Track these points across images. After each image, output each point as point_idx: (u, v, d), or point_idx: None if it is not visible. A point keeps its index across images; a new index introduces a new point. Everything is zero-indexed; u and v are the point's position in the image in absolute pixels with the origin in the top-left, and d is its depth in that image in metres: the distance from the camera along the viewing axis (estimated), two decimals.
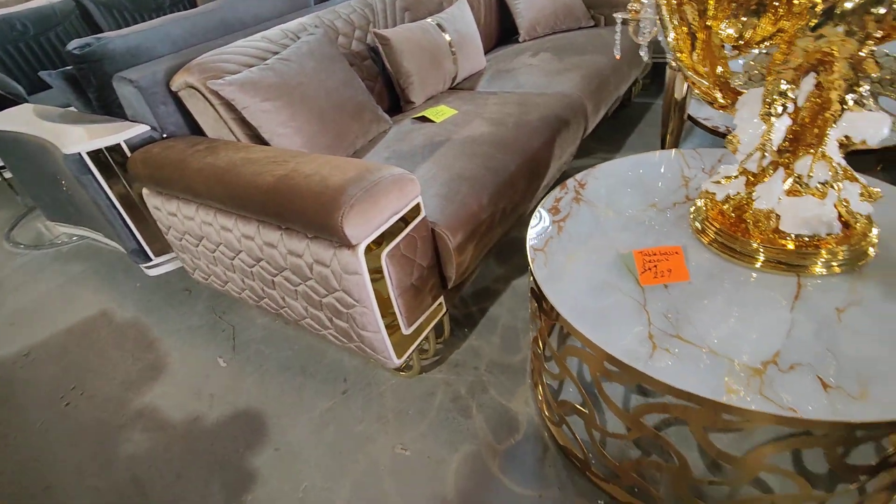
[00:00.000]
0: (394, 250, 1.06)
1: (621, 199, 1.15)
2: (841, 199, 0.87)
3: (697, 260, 0.95)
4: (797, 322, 0.80)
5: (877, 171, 1.87)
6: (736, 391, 0.71)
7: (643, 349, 0.79)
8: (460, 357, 1.42)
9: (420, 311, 1.19)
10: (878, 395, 0.68)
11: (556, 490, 1.08)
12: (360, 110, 1.51)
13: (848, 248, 0.88)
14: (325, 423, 1.31)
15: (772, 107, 0.78)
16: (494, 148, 1.42)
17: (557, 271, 0.97)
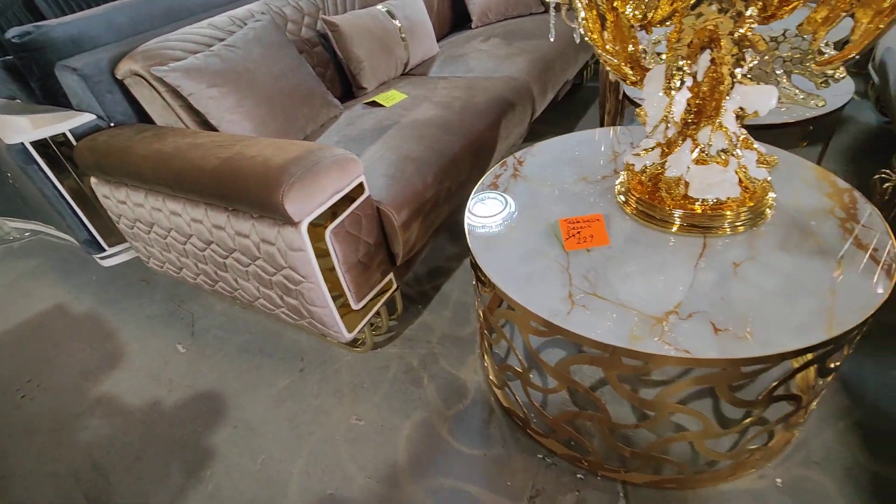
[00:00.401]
0: (338, 228, 1.10)
1: (556, 175, 1.22)
2: (740, 166, 0.96)
3: (620, 226, 1.03)
4: (699, 276, 0.88)
5: (803, 146, 2.00)
6: (640, 338, 0.79)
7: (563, 307, 0.86)
8: (414, 332, 1.48)
9: (369, 286, 1.24)
10: (759, 335, 0.76)
11: (500, 448, 1.15)
12: (309, 96, 1.54)
13: (749, 210, 0.98)
14: (283, 399, 1.35)
15: (671, 81, 0.85)
16: (440, 130, 1.47)
17: (492, 242, 1.04)
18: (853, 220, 0.95)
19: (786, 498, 0.98)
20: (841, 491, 0.98)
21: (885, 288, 0.80)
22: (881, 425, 1.07)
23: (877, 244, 0.89)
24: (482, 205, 1.15)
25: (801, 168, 1.12)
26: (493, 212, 1.12)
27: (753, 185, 0.98)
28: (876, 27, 0.75)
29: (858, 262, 0.86)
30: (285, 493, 1.14)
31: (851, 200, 1.00)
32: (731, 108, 0.92)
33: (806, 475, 1.01)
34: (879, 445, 1.04)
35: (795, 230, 0.95)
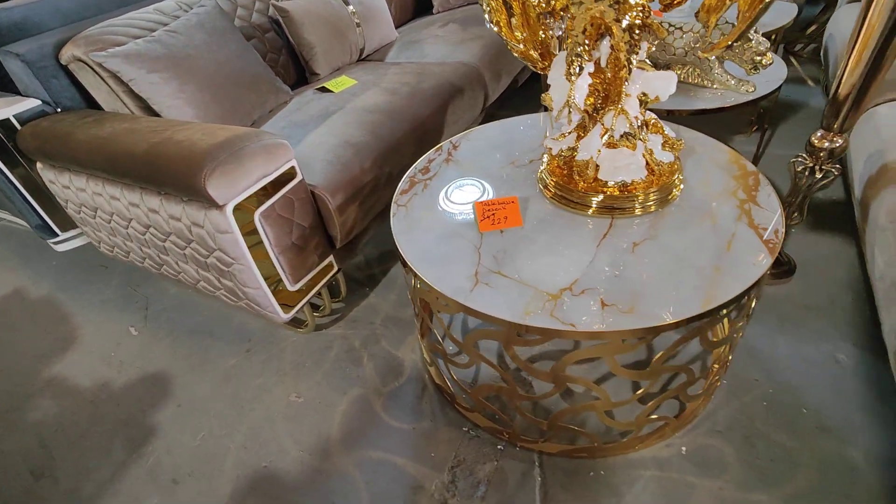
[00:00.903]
0: (268, 211, 1.13)
1: (486, 159, 1.26)
2: (647, 150, 1.00)
3: (538, 209, 1.07)
4: (599, 256, 0.92)
5: (752, 131, 2.04)
6: (532, 313, 0.83)
7: (468, 285, 0.90)
8: (359, 314, 1.52)
9: (306, 268, 1.28)
10: (642, 309, 0.81)
11: (429, 422, 1.20)
12: (255, 81, 1.55)
13: (657, 191, 1.02)
14: (228, 378, 1.39)
15: (571, 67, 0.89)
16: (384, 115, 1.50)
17: (413, 224, 1.07)
18: (752, 202, 0.99)
19: (687, 464, 1.04)
20: (737, 456, 1.04)
21: (764, 265, 0.85)
22: (784, 398, 1.13)
23: (766, 224, 0.93)
24: (409, 188, 1.18)
25: (716, 152, 1.16)
26: (418, 195, 1.15)
27: (660, 167, 1.02)
28: (750, 14, 0.79)
29: (746, 240, 0.90)
30: (222, 466, 1.18)
31: (755, 182, 1.04)
32: (634, 94, 0.95)
33: (709, 443, 1.07)
34: (779, 415, 1.10)
35: (697, 211, 0.99)
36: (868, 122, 1.26)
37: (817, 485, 0.98)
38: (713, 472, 1.02)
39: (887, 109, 1.23)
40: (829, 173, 1.18)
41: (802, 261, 1.45)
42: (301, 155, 1.34)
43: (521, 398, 0.99)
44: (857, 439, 1.04)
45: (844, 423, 1.07)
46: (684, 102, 1.47)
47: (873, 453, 1.01)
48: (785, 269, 1.41)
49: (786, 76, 1.48)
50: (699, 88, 1.50)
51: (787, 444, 1.05)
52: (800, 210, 1.29)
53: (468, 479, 1.08)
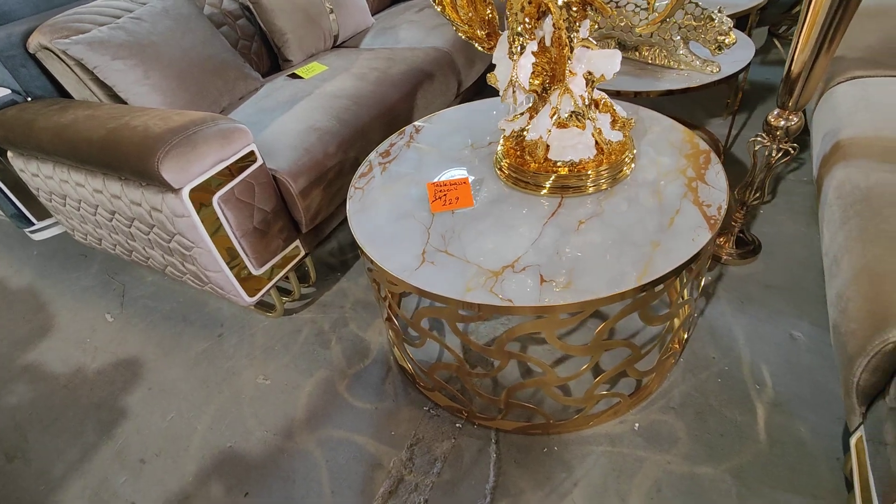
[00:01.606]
0: (227, 195, 1.15)
1: (446, 141, 1.26)
2: (595, 129, 1.01)
3: (492, 189, 1.08)
4: (545, 234, 0.93)
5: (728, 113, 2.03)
6: (472, 289, 0.84)
7: (414, 263, 0.91)
8: (330, 298, 1.54)
9: (270, 252, 1.29)
10: (578, 284, 0.82)
11: (391, 402, 1.22)
12: (223, 68, 1.56)
13: (608, 169, 1.02)
14: (199, 362, 1.41)
15: (513, 46, 0.89)
16: (351, 101, 1.50)
17: (369, 205, 1.08)
18: (700, 179, 1.00)
19: (639, 439, 1.06)
20: (688, 431, 1.06)
21: (702, 241, 0.85)
22: (739, 375, 1.14)
23: (711, 201, 0.94)
24: (369, 171, 1.19)
25: (672, 132, 1.16)
26: (376, 178, 1.16)
27: (609, 146, 1.02)
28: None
29: (689, 217, 0.91)
30: (188, 446, 1.21)
31: (706, 161, 1.05)
32: (579, 73, 0.96)
33: (661, 419, 1.09)
34: (732, 392, 1.11)
35: (645, 189, 1.00)
36: (827, 101, 1.26)
37: (763, 458, 1.00)
38: (663, 446, 1.04)
39: (846, 88, 1.23)
40: (786, 152, 1.18)
41: (768, 241, 1.46)
42: (265, 140, 1.35)
43: (471, 375, 1.01)
44: (806, 414, 1.05)
45: (795, 398, 1.08)
46: (651, 84, 1.46)
47: (820, 427, 1.03)
48: (750, 249, 1.42)
49: (752, 56, 1.48)
50: (665, 70, 1.50)
51: (737, 419, 1.07)
52: (761, 189, 1.29)
53: (425, 457, 1.10)
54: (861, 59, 1.30)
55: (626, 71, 1.53)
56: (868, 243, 0.82)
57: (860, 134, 1.06)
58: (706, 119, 2.06)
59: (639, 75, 1.51)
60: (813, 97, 1.42)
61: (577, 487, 1.00)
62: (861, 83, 1.22)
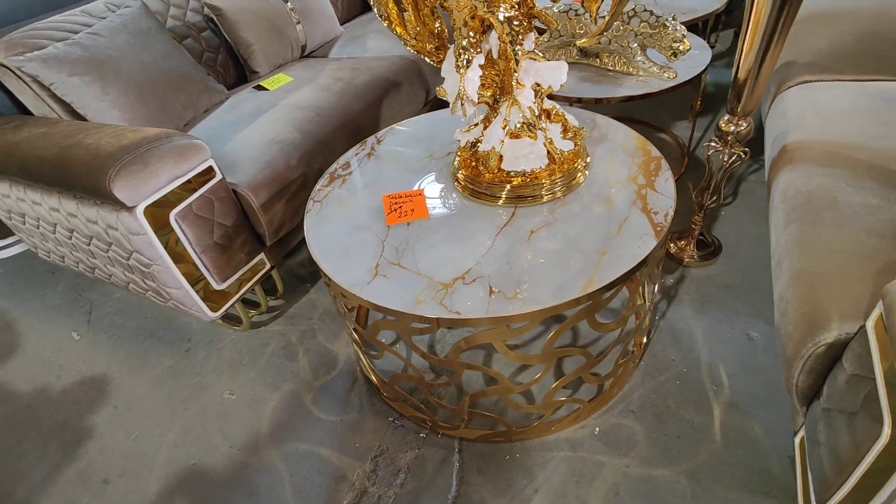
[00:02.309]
0: (185, 211, 1.14)
1: (406, 152, 1.27)
2: (546, 138, 1.02)
3: (448, 201, 1.09)
4: (496, 244, 0.94)
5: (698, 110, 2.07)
6: (422, 302, 0.85)
7: (366, 277, 0.92)
8: (298, 310, 1.54)
9: (233, 267, 1.29)
10: (526, 295, 0.83)
11: (356, 413, 1.22)
12: (185, 82, 1.55)
13: (561, 178, 1.04)
14: (165, 379, 1.40)
15: (459, 60, 0.90)
16: (314, 112, 1.50)
17: (326, 219, 1.09)
18: (650, 187, 1.02)
19: (599, 443, 1.07)
20: (646, 434, 1.07)
21: (646, 250, 0.87)
22: (697, 376, 1.16)
23: (658, 208, 0.96)
24: (329, 184, 1.19)
25: (627, 138, 1.18)
26: (336, 190, 1.16)
27: (560, 155, 1.04)
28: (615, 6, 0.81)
29: (637, 224, 0.93)
30: (152, 465, 1.20)
31: (657, 168, 1.07)
32: (528, 84, 0.97)
33: (621, 423, 1.10)
34: (690, 393, 1.13)
35: (597, 196, 1.02)
36: (779, 105, 1.29)
37: (718, 458, 1.01)
38: (622, 450, 1.06)
39: (796, 92, 1.26)
40: (738, 156, 1.21)
41: (729, 242, 1.48)
42: (227, 154, 1.35)
43: (431, 385, 1.01)
44: (760, 413, 1.07)
45: (750, 397, 1.10)
46: (611, 90, 1.49)
47: (773, 426, 1.05)
48: (710, 251, 1.45)
49: (708, 62, 1.51)
50: (625, 76, 1.52)
51: (694, 420, 1.08)
52: (717, 192, 1.32)
53: (389, 468, 1.10)
54: (811, 63, 1.33)
55: (587, 77, 1.56)
56: (805, 247, 0.85)
57: (806, 138, 1.09)
58: (673, 122, 2.09)
59: (600, 82, 1.53)
60: (766, 101, 1.46)
61: (538, 494, 1.01)
62: (810, 87, 1.25)
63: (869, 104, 1.12)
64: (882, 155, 0.96)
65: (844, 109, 1.13)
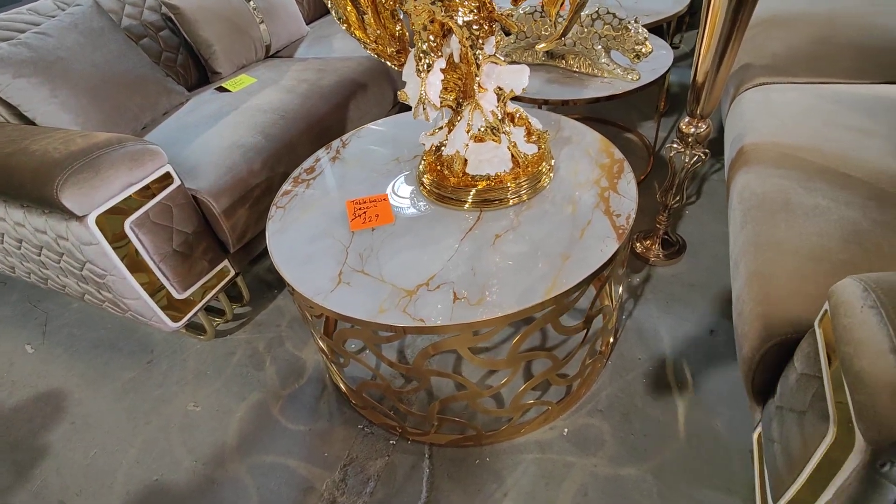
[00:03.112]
0: (141, 219, 1.10)
1: (372, 156, 1.25)
2: (510, 142, 1.02)
3: (414, 205, 1.07)
4: (461, 250, 0.94)
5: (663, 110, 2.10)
6: (386, 311, 0.84)
7: (329, 285, 0.90)
8: (265, 317, 1.50)
9: (195, 275, 1.25)
10: (490, 300, 0.83)
11: (325, 422, 1.20)
12: (141, 83, 1.50)
13: (527, 181, 1.04)
14: (126, 392, 1.35)
15: (419, 64, 0.89)
16: (278, 115, 1.47)
17: (289, 225, 1.06)
18: (612, 189, 1.03)
19: (567, 444, 1.08)
20: (614, 433, 1.09)
21: (608, 253, 0.88)
22: (663, 374, 1.18)
23: (620, 211, 0.97)
24: (292, 189, 1.17)
25: (591, 141, 1.19)
26: (299, 196, 1.14)
27: (525, 159, 1.04)
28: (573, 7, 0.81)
29: (600, 228, 0.94)
30: (112, 483, 1.15)
31: (619, 170, 1.08)
32: (490, 88, 0.97)
33: (589, 423, 1.11)
34: (656, 391, 1.15)
35: (561, 200, 1.02)
36: (737, 106, 1.32)
37: (682, 455, 1.04)
38: (590, 450, 1.07)
39: (752, 94, 1.29)
40: (698, 157, 1.23)
41: (693, 240, 1.52)
42: (187, 159, 1.31)
43: (399, 392, 1.00)
44: (722, 409, 1.10)
45: (713, 393, 1.13)
46: (577, 92, 1.50)
47: (734, 421, 1.08)
48: (675, 250, 1.47)
49: (670, 64, 1.53)
50: (591, 78, 1.54)
51: (660, 418, 1.10)
52: (680, 192, 1.34)
53: (358, 476, 1.09)
54: (767, 66, 1.37)
55: (553, 79, 1.57)
56: (760, 248, 0.87)
57: (761, 140, 1.11)
58: (640, 121, 2.12)
59: (566, 83, 1.54)
60: (726, 102, 1.49)
61: (507, 497, 1.01)
62: (766, 89, 1.29)
63: (822, 106, 1.16)
64: (833, 157, 0.99)
65: (799, 112, 1.16)
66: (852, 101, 1.16)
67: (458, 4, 0.79)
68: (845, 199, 0.88)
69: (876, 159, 0.95)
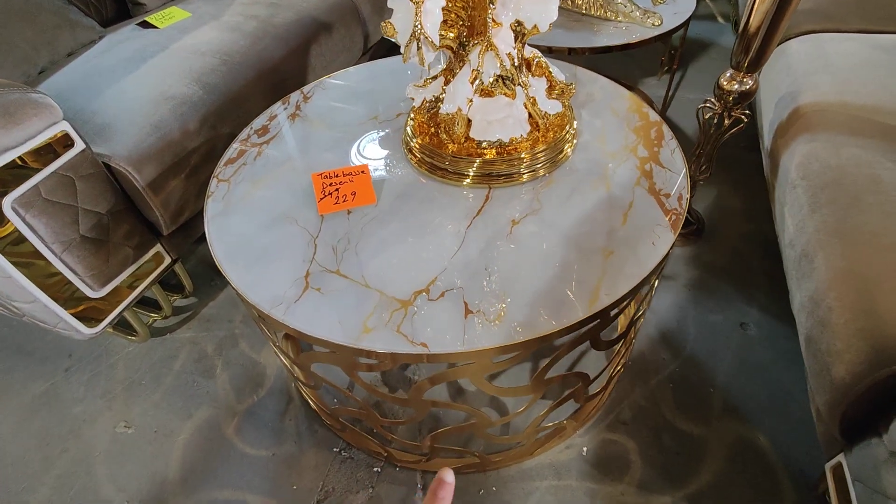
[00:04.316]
0: (29, 196, 0.81)
1: (343, 113, 0.99)
2: (529, 97, 0.78)
3: (401, 179, 0.83)
4: (468, 241, 0.71)
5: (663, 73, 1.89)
6: (372, 330, 0.61)
7: (293, 292, 0.66)
8: (214, 311, 1.24)
9: (116, 266, 0.97)
10: (514, 315, 0.61)
11: (292, 444, 0.98)
12: (34, 12, 1.14)
13: (546, 150, 0.81)
14: (36, 409, 1.08)
15: None
16: (219, 59, 1.16)
17: (235, 204, 0.80)
18: (654, 161, 0.81)
19: (587, 467, 0.91)
20: (641, 452, 0.92)
21: (665, 247, 0.67)
22: (692, 376, 1.02)
23: (669, 189, 0.76)
24: (238, 157, 0.90)
25: (616, 98, 0.96)
26: (248, 165, 0.87)
27: (546, 121, 0.80)
28: None
29: (646, 211, 0.73)
30: None
31: (658, 136, 0.86)
32: (505, 22, 0.72)
33: (611, 439, 0.94)
34: (686, 398, 0.99)
35: (590, 174, 0.80)
36: (778, 59, 1.11)
37: (723, 477, 0.88)
38: (614, 474, 0.90)
39: (798, 45, 1.09)
40: (738, 120, 1.03)
41: (711, 217, 1.34)
42: (97, 114, 1.00)
43: (382, 422, 0.79)
44: (763, 419, 0.95)
45: (750, 400, 0.98)
46: (587, 39, 1.26)
47: (779, 433, 0.93)
48: (694, 229, 1.30)
49: (694, 7, 1.30)
50: (602, 22, 1.30)
51: (693, 431, 0.94)
52: (709, 161, 1.15)
53: None
54: (812, 11, 1.16)
55: (558, 23, 1.31)
56: (848, 240, 0.68)
57: (822, 100, 0.92)
58: (640, 78, 1.90)
59: (573, 28, 1.29)
60: None
61: None
62: (815, 39, 1.08)
63: (889, 60, 0.97)
64: None
65: (862, 65, 0.97)
66: None
67: None
68: None
69: None
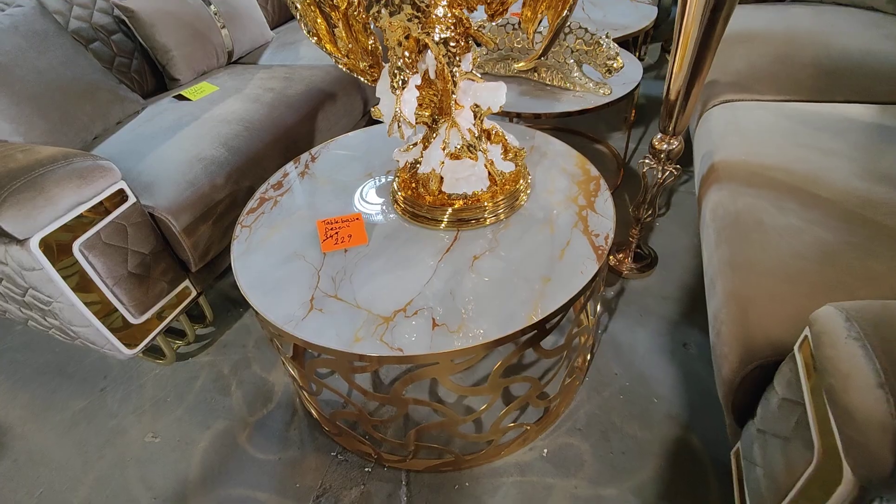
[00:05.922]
0: (92, 240, 1.02)
1: (343, 171, 1.21)
2: (487, 160, 1.00)
3: (388, 225, 1.04)
4: (439, 272, 0.91)
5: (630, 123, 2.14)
6: (361, 339, 0.80)
7: (300, 312, 0.85)
8: (231, 337, 1.43)
9: (153, 297, 1.17)
10: (470, 327, 0.80)
11: (296, 450, 1.15)
12: (92, 91, 1.40)
13: (504, 200, 1.02)
14: (76, 423, 1.25)
15: (394, 80, 0.86)
16: (242, 126, 1.40)
17: (255, 245, 1.01)
18: (590, 208, 1.02)
19: (547, 465, 1.06)
20: (593, 452, 1.08)
21: (589, 275, 0.87)
22: (639, 389, 1.19)
23: (598, 230, 0.96)
24: (258, 206, 1.11)
25: (565, 157, 1.18)
26: (266, 214, 1.08)
27: (502, 177, 1.02)
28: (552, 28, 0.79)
29: (579, 248, 0.93)
30: None
31: (596, 188, 1.07)
32: (467, 105, 0.94)
33: (568, 442, 1.10)
34: (634, 407, 1.15)
35: (539, 219, 1.01)
36: (704, 123, 1.34)
37: (662, 472, 1.04)
38: (570, 470, 1.05)
39: (720, 111, 1.32)
40: (670, 173, 1.25)
41: (664, 252, 1.54)
42: (143, 173, 1.23)
43: (372, 422, 0.96)
44: (697, 424, 1.11)
45: (688, 408, 1.14)
46: (550, 105, 1.49)
47: (709, 435, 1.09)
48: (647, 263, 1.49)
49: (639, 80, 1.55)
50: (563, 91, 1.54)
51: (638, 435, 1.10)
52: (653, 206, 1.36)
53: None
54: (732, 83, 1.40)
55: (526, 92, 1.56)
56: (736, 268, 0.88)
57: (730, 157, 1.13)
58: (609, 133, 2.15)
59: (539, 97, 1.53)
60: (694, 117, 1.52)
61: None
62: (732, 107, 1.32)
63: (787, 125, 1.19)
64: (801, 176, 1.01)
65: (765, 130, 1.19)
66: (815, 121, 1.20)
67: (436, 21, 0.76)
68: (816, 219, 0.89)
69: (842, 179, 0.98)
